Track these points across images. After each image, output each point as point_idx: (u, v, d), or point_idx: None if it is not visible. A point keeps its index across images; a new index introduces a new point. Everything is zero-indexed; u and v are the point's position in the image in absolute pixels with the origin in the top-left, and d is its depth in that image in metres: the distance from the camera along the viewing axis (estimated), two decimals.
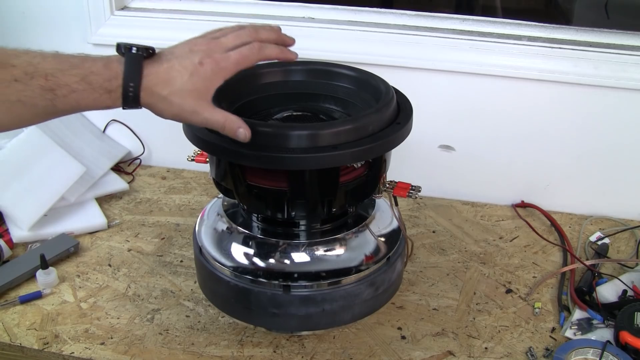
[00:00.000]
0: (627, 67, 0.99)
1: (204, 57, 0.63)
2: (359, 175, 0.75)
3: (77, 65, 0.60)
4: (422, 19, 1.09)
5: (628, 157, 1.06)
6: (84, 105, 0.61)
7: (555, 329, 0.84)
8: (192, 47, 0.64)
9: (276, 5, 1.15)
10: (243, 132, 0.64)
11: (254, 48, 0.65)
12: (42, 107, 0.59)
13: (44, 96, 0.59)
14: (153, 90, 0.61)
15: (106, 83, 0.60)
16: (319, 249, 0.76)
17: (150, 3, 1.20)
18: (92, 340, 0.82)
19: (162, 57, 0.63)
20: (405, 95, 0.80)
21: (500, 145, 1.11)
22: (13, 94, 0.58)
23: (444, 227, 1.07)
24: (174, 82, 0.61)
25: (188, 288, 0.92)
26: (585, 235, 1.05)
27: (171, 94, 0.61)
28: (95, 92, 0.60)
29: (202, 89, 0.63)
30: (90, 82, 0.60)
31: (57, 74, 0.59)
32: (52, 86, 0.59)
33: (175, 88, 0.61)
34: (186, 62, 0.62)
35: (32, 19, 1.21)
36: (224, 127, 0.64)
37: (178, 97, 0.62)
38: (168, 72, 0.62)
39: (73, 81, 0.59)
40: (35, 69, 0.59)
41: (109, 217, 1.08)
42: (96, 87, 0.60)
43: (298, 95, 0.84)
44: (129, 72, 0.60)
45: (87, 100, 0.60)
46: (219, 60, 0.63)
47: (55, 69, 0.59)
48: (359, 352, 0.80)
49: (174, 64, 0.62)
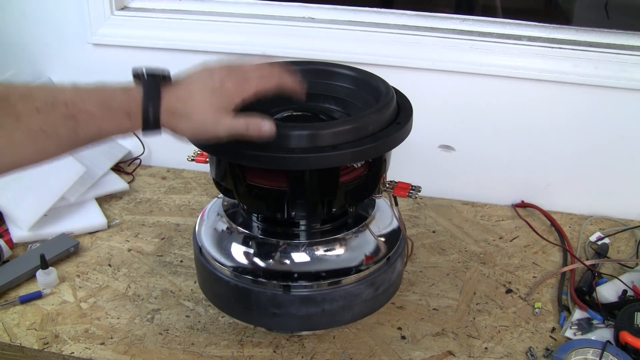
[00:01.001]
0: (627, 67, 0.99)
1: (225, 78, 0.64)
2: (359, 175, 0.75)
3: (96, 92, 0.61)
4: (422, 19, 1.09)
5: (628, 157, 1.06)
6: (105, 131, 0.61)
7: (555, 329, 0.84)
8: (211, 72, 0.65)
9: (276, 5, 1.15)
10: (268, 127, 0.64)
11: (274, 73, 0.68)
12: (64, 137, 0.60)
13: (65, 124, 0.59)
14: (173, 111, 0.62)
15: (126, 107, 0.61)
16: (319, 249, 0.76)
17: (150, 3, 1.20)
18: (92, 340, 0.82)
19: (179, 82, 0.64)
20: (405, 95, 0.80)
21: (500, 145, 1.11)
22: (35, 124, 0.58)
23: (444, 227, 1.07)
24: (194, 100, 0.63)
25: (188, 288, 0.92)
26: (585, 235, 1.05)
27: (192, 110, 0.62)
28: (116, 117, 0.61)
29: (223, 103, 0.63)
30: (109, 106, 0.60)
31: (77, 101, 0.60)
32: (72, 113, 0.59)
33: (195, 105, 0.62)
34: (207, 83, 0.64)
35: (32, 19, 1.21)
36: (248, 127, 0.64)
37: (199, 113, 0.63)
38: (187, 93, 0.63)
39: (93, 107, 0.60)
40: (56, 99, 0.59)
41: (109, 217, 1.08)
42: (116, 111, 0.61)
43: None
44: (148, 95, 0.61)
45: (108, 125, 0.61)
46: (240, 81, 0.64)
47: (75, 97, 0.60)
48: (359, 352, 0.80)
49: (193, 86, 0.63)
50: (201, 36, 1.14)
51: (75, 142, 0.61)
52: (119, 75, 1.29)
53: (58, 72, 1.26)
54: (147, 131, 0.62)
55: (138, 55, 1.18)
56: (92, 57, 1.21)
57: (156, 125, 0.62)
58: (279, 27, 1.12)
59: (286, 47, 1.09)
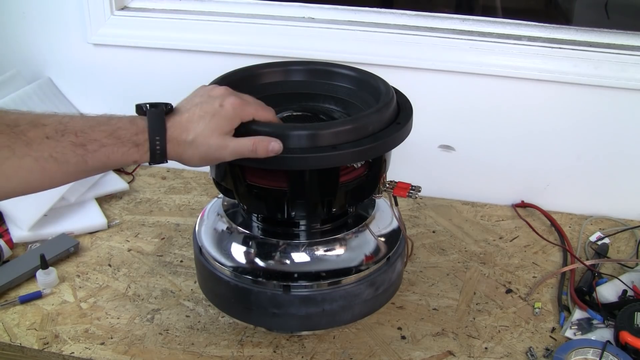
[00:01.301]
0: (627, 67, 0.99)
1: (223, 100, 0.66)
2: (359, 175, 0.75)
3: (105, 122, 0.63)
4: (422, 19, 1.09)
5: (628, 157, 1.06)
6: (113, 160, 0.62)
7: (555, 329, 0.84)
8: (210, 93, 0.67)
9: (276, 5, 1.15)
10: (276, 144, 0.65)
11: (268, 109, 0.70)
12: (73, 164, 0.61)
13: (75, 152, 0.60)
14: (179, 140, 0.64)
15: (134, 137, 0.62)
16: (319, 249, 0.76)
17: (150, 3, 1.20)
18: (92, 340, 0.82)
19: (181, 109, 0.66)
20: (405, 95, 0.80)
21: (500, 145, 1.11)
22: (45, 150, 0.59)
23: (444, 227, 1.07)
24: (197, 126, 0.64)
25: (188, 288, 0.92)
26: (585, 235, 1.05)
27: (196, 137, 0.64)
28: (124, 146, 0.62)
29: (224, 126, 0.65)
30: (118, 136, 0.62)
31: (87, 130, 0.61)
32: (82, 142, 0.61)
33: (198, 131, 0.64)
34: (206, 107, 0.65)
35: (32, 19, 1.21)
36: (256, 148, 0.65)
37: (203, 138, 0.64)
38: (190, 119, 0.64)
39: (102, 136, 0.61)
40: (65, 127, 0.61)
41: (109, 217, 1.08)
42: (125, 141, 0.62)
43: (298, 95, 0.84)
44: (153, 126, 0.63)
45: (116, 154, 0.62)
46: (239, 103, 0.66)
47: (85, 126, 0.61)
48: (359, 352, 0.80)
49: (194, 112, 0.65)
50: (201, 36, 1.14)
51: (82, 170, 0.62)
52: (119, 75, 1.29)
53: (58, 72, 1.26)
54: (154, 162, 0.64)
55: (138, 55, 1.18)
56: (92, 57, 1.21)
57: (163, 156, 0.64)
58: (279, 27, 1.12)
59: (286, 47, 1.09)
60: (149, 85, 1.21)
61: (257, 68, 0.83)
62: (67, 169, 0.61)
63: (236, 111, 0.66)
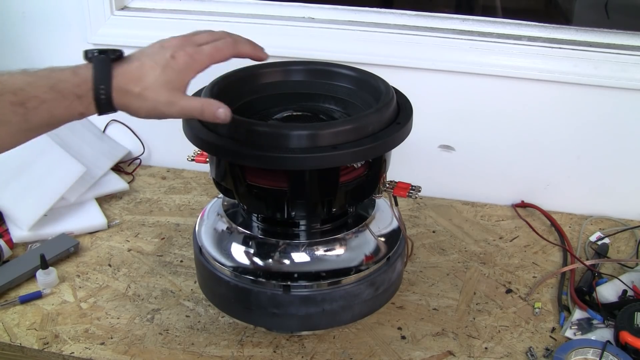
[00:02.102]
0: (627, 67, 0.99)
1: (176, 50, 0.62)
2: (359, 175, 0.75)
3: (45, 76, 0.59)
4: (422, 19, 1.09)
5: (628, 157, 1.06)
6: (57, 116, 0.60)
7: (555, 329, 0.84)
8: (163, 44, 0.64)
9: (276, 5, 1.15)
10: (223, 111, 0.63)
11: (228, 42, 0.65)
12: (15, 124, 0.58)
13: (15, 111, 0.58)
14: (126, 89, 0.60)
15: (76, 89, 0.59)
16: (319, 249, 0.76)
17: (150, 3, 1.20)
18: (92, 340, 0.82)
19: (131, 57, 0.63)
20: (405, 95, 0.80)
21: (500, 145, 1.11)
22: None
23: (444, 227, 1.07)
24: (146, 77, 0.61)
25: (188, 288, 0.92)
26: (585, 235, 1.05)
27: (144, 89, 0.61)
28: (66, 100, 0.59)
29: (176, 81, 0.62)
30: (59, 90, 0.59)
31: (26, 87, 0.58)
32: (21, 100, 0.58)
33: (147, 83, 0.61)
34: (157, 57, 0.62)
35: (32, 19, 1.21)
36: (203, 111, 0.63)
37: (152, 92, 0.61)
38: (139, 69, 0.61)
39: (42, 92, 0.58)
40: (3, 87, 0.58)
41: (109, 217, 1.08)
42: (66, 95, 0.59)
43: (298, 95, 0.84)
44: (98, 75, 0.60)
45: (59, 109, 0.59)
46: (192, 53, 0.63)
47: (24, 83, 0.58)
48: (359, 352, 0.80)
49: (145, 61, 0.61)
50: None
51: (26, 128, 0.59)
52: None
53: None
54: (101, 112, 0.61)
55: None
56: None
57: (109, 106, 0.61)
58: (279, 27, 1.12)
59: (286, 47, 1.09)
60: None
61: (257, 68, 0.83)
62: (9, 129, 0.58)
63: (188, 63, 0.62)
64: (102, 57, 0.61)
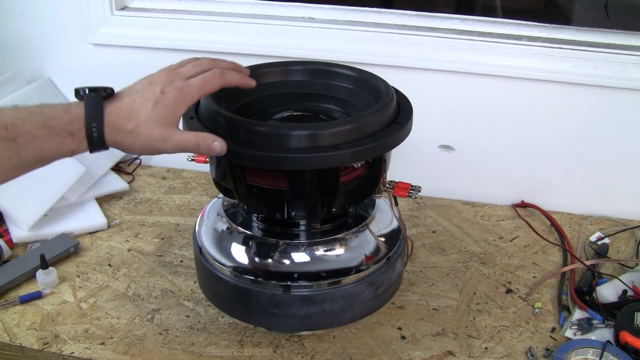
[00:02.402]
0: (627, 67, 0.99)
1: (165, 86, 0.62)
2: (359, 175, 0.74)
3: (37, 112, 0.59)
4: (422, 19, 1.09)
5: (628, 157, 1.06)
6: (48, 153, 0.60)
7: (555, 329, 0.84)
8: (151, 79, 0.64)
9: (276, 5, 1.15)
10: (219, 144, 0.64)
11: (216, 73, 0.66)
12: (6, 159, 0.58)
13: (6, 146, 0.58)
14: (118, 126, 0.61)
15: (67, 126, 0.59)
16: (319, 249, 0.76)
17: (150, 3, 1.20)
18: (92, 340, 0.82)
19: (122, 95, 0.63)
20: (405, 95, 0.80)
21: (500, 145, 1.11)
22: None
23: (444, 227, 1.07)
24: (138, 114, 0.61)
25: (188, 288, 0.92)
26: (585, 235, 1.05)
27: (137, 126, 0.61)
28: (58, 137, 0.59)
29: (167, 116, 0.62)
30: (51, 126, 0.59)
31: (17, 122, 0.58)
32: (12, 135, 0.58)
33: (140, 120, 0.61)
34: (147, 93, 0.62)
35: (32, 19, 1.21)
36: (198, 145, 0.63)
37: (145, 128, 0.61)
38: (130, 106, 0.61)
39: (34, 127, 0.58)
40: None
41: (109, 217, 1.08)
42: (58, 131, 0.59)
43: (298, 95, 0.84)
44: (90, 112, 0.60)
45: (50, 146, 0.59)
46: (181, 87, 0.63)
47: (15, 119, 0.58)
48: (359, 352, 0.80)
49: (135, 98, 0.62)
50: (201, 36, 1.14)
51: (17, 165, 0.59)
52: (119, 75, 1.29)
53: (58, 72, 1.26)
54: (93, 150, 0.61)
55: (138, 55, 1.18)
56: (92, 57, 1.21)
57: (102, 143, 0.61)
58: (279, 27, 1.12)
59: (286, 47, 1.09)
60: None
61: (257, 68, 0.82)
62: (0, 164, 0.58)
63: (178, 98, 0.62)
64: (93, 95, 0.61)
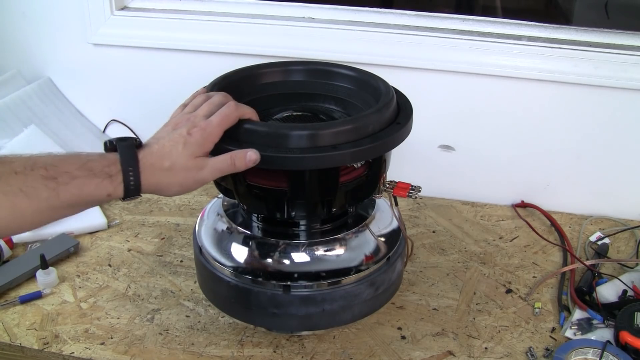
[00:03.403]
0: (627, 67, 0.99)
1: (190, 128, 0.65)
2: (359, 175, 0.75)
3: (75, 156, 0.62)
4: (422, 19, 1.09)
5: (628, 157, 1.06)
6: (86, 193, 0.61)
7: (555, 329, 0.84)
8: (173, 126, 0.67)
9: (276, 5, 1.15)
10: (253, 153, 0.65)
11: (231, 107, 0.68)
12: (44, 199, 0.59)
13: (46, 185, 0.59)
14: (154, 167, 0.63)
15: (106, 168, 0.61)
16: (319, 249, 0.76)
17: (150, 3, 1.20)
18: (92, 340, 0.82)
19: (149, 143, 0.65)
20: (405, 95, 0.80)
21: (500, 145, 1.11)
22: (15, 184, 0.57)
23: (444, 227, 1.07)
24: (171, 154, 0.64)
25: (188, 288, 0.92)
26: (585, 235, 1.05)
27: (173, 163, 0.63)
28: (97, 178, 0.61)
29: (198, 151, 0.65)
30: (90, 168, 0.61)
31: (57, 163, 0.60)
32: (53, 175, 0.59)
33: (174, 157, 0.63)
34: (174, 136, 0.65)
35: (32, 19, 1.22)
36: (234, 162, 0.65)
37: (180, 164, 0.64)
38: (161, 150, 0.64)
39: (73, 168, 0.60)
40: (35, 162, 0.59)
41: (109, 217, 1.08)
42: (97, 173, 0.61)
43: (298, 95, 0.84)
44: (125, 158, 0.62)
45: (89, 187, 0.60)
46: (204, 126, 0.65)
47: (55, 160, 0.60)
48: (359, 352, 0.80)
49: (164, 143, 0.64)
50: (201, 36, 1.14)
51: (55, 205, 0.60)
52: (119, 75, 1.29)
53: (58, 72, 1.26)
54: (128, 196, 0.63)
55: (138, 55, 1.18)
56: (92, 57, 1.21)
57: (137, 187, 0.62)
58: (279, 27, 1.12)
59: (286, 47, 1.09)
60: (149, 85, 1.22)
61: (257, 68, 0.83)
62: (38, 204, 0.58)
63: (204, 137, 0.65)
64: (125, 143, 0.63)
